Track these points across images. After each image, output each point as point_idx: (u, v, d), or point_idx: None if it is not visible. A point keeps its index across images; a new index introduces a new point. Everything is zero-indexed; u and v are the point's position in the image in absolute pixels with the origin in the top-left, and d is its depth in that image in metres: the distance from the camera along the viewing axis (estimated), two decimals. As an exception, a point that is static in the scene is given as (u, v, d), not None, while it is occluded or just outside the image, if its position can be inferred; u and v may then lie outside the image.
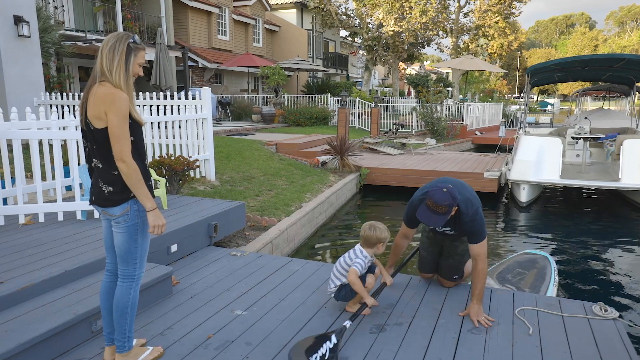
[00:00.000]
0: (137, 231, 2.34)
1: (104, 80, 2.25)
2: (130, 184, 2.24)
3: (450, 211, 3.02)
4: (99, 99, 2.20)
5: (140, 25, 16.25)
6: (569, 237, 7.08)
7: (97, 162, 2.29)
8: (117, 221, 2.30)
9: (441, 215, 3.02)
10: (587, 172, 9.14)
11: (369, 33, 24.80)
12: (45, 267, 3.21)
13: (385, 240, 3.20)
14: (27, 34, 7.74)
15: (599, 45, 79.68)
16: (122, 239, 2.32)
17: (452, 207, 3.02)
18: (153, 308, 3.25)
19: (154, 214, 2.31)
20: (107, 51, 2.25)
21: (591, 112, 13.33)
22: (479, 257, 3.19)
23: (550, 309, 3.29)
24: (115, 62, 2.26)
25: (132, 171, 2.22)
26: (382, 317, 3.16)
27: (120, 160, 2.20)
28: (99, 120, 2.22)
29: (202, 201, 5.27)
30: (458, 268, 3.63)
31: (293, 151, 11.01)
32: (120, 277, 2.40)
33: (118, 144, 2.19)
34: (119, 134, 2.19)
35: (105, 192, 2.27)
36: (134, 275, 2.40)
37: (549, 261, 4.55)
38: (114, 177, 2.27)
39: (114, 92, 2.21)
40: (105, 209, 2.30)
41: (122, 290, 2.39)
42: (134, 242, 2.34)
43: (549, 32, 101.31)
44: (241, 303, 3.37)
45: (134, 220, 2.32)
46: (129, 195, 2.29)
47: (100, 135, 2.23)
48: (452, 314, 3.21)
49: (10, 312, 2.74)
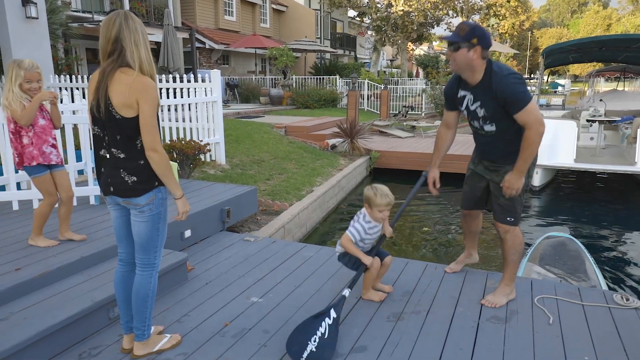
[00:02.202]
0: (159, 219, 2.31)
1: (125, 66, 2.15)
2: (161, 173, 2.20)
3: (471, 36, 2.66)
4: (129, 86, 2.11)
5: (147, 6, 16.05)
6: (584, 222, 7.00)
7: (118, 152, 2.21)
8: (142, 210, 2.25)
9: (460, 36, 2.70)
10: (601, 156, 8.99)
11: (378, 13, 24.38)
12: (61, 254, 3.20)
13: (382, 205, 2.93)
14: (35, 15, 7.64)
15: (612, 24, 77.95)
16: (144, 228, 2.28)
17: (475, 32, 2.67)
18: (169, 294, 3.24)
19: (182, 201, 2.31)
20: (127, 34, 2.13)
21: (605, 94, 13.07)
22: (528, 125, 2.65)
23: (570, 297, 3.25)
24: (142, 47, 2.17)
25: (164, 160, 2.19)
26: (399, 305, 3.13)
27: (152, 150, 2.15)
28: (129, 109, 2.13)
29: (214, 186, 5.24)
30: (510, 208, 3.00)
31: (302, 134, 10.94)
32: (140, 266, 2.37)
33: (150, 133, 2.14)
34: (152, 123, 2.14)
35: (129, 182, 2.21)
36: (154, 263, 2.38)
37: (576, 242, 4.58)
38: (140, 167, 2.20)
39: (145, 81, 2.14)
40: (129, 199, 2.24)
41: (142, 279, 2.36)
42: (156, 231, 2.32)
43: (560, 10, 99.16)
44: (256, 290, 3.36)
45: (158, 208, 2.29)
46: (154, 184, 2.24)
47: (129, 125, 2.15)
48: (471, 302, 3.18)
49: (28, 298, 2.74)
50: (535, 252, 4.70)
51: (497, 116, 2.81)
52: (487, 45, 2.74)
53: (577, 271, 4.30)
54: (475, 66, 2.77)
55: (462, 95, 2.98)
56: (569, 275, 4.26)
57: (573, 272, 4.29)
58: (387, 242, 5.96)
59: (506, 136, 2.88)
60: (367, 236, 3.02)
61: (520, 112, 2.68)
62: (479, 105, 2.84)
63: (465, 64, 2.77)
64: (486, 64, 2.79)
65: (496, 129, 2.88)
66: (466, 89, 2.93)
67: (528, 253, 4.71)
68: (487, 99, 2.78)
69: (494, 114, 2.81)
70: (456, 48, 2.74)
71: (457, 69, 2.85)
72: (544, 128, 2.71)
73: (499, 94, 2.71)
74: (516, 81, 2.70)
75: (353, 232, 2.95)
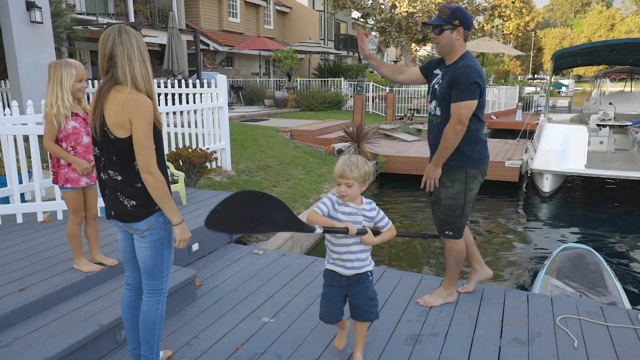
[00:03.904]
0: (163, 244, 2.18)
1: (120, 83, 2.03)
2: (157, 197, 2.07)
3: (453, 17, 2.82)
4: (121, 105, 2.00)
5: (151, 8, 15.98)
6: (597, 229, 6.87)
7: (115, 174, 2.09)
8: (143, 235, 2.13)
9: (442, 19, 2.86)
10: (612, 161, 8.85)
11: (382, 14, 24.25)
12: (66, 272, 3.10)
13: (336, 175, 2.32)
14: (40, 19, 7.56)
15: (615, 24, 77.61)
16: (147, 254, 2.16)
17: (457, 14, 2.83)
18: (177, 314, 3.13)
19: (180, 228, 2.15)
20: (120, 50, 2.02)
21: (613, 96, 12.92)
22: (451, 118, 2.82)
23: (593, 317, 3.13)
24: (136, 62, 2.04)
25: (159, 184, 2.05)
26: (416, 326, 3.02)
27: (146, 173, 2.02)
28: (122, 129, 2.02)
29: (221, 195, 5.14)
30: (447, 222, 3.07)
31: (308, 138, 10.83)
32: (146, 292, 2.26)
33: (144, 154, 2.01)
34: (145, 143, 2.01)
35: (128, 206, 2.09)
36: (162, 289, 2.26)
37: (594, 254, 4.47)
38: (137, 190, 2.08)
39: (138, 98, 2.02)
40: (129, 224, 2.12)
41: (149, 306, 2.25)
42: (160, 256, 2.19)
43: (564, 10, 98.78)
44: (267, 309, 3.25)
45: (160, 233, 2.15)
46: (155, 208, 2.11)
47: (122, 146, 2.04)
48: (490, 323, 3.06)
49: (32, 322, 2.64)
50: (553, 264, 4.58)
51: (443, 96, 2.90)
52: (468, 26, 2.89)
53: (596, 285, 4.18)
54: (456, 46, 2.89)
55: (435, 73, 3.07)
56: (589, 290, 4.14)
57: (593, 286, 4.17)
58: (388, 252, 5.87)
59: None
60: (342, 218, 2.35)
61: (456, 102, 2.81)
62: (440, 83, 2.96)
63: (449, 45, 2.90)
64: (464, 53, 2.91)
65: (441, 115, 2.96)
66: (441, 69, 3.03)
67: (545, 265, 4.60)
68: (446, 78, 2.89)
69: (442, 94, 2.91)
70: (440, 31, 2.88)
71: (441, 51, 2.96)
72: (462, 130, 2.83)
73: (454, 76, 2.82)
74: (475, 76, 2.79)
75: (320, 206, 2.36)
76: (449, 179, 3.01)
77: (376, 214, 2.42)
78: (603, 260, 4.56)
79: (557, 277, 4.36)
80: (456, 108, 2.81)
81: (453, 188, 3.01)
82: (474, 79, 2.79)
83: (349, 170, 2.27)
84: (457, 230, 3.11)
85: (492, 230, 6.84)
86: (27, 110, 4.16)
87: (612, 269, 4.46)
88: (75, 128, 2.99)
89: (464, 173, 2.99)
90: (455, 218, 3.06)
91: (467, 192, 3.01)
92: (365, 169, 2.30)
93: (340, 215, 2.36)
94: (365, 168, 2.31)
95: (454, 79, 2.82)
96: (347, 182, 2.28)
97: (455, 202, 3.02)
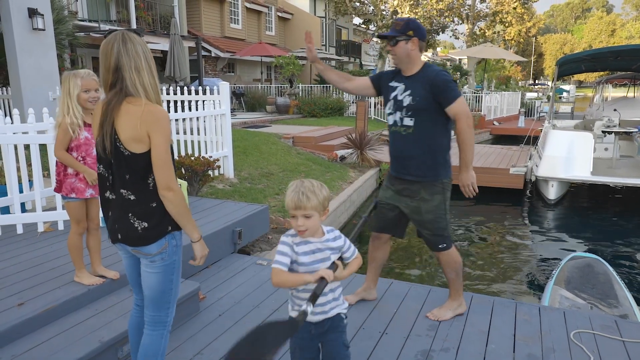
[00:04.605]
0: (173, 269, 2.03)
1: (132, 95, 1.88)
2: (176, 213, 1.93)
3: (406, 28, 2.85)
4: (137, 117, 1.84)
5: (153, 15, 16.00)
6: (604, 237, 6.79)
7: (127, 194, 1.92)
8: (153, 260, 1.96)
9: (396, 30, 2.88)
10: (618, 168, 8.78)
11: (383, 20, 24.30)
12: (67, 285, 3.02)
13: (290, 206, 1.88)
14: (42, 27, 7.53)
15: (616, 30, 77.77)
16: (156, 280, 2.01)
17: (410, 25, 2.87)
18: (181, 328, 3.06)
19: (201, 244, 2.04)
20: (127, 60, 1.87)
21: (616, 102, 12.85)
22: (458, 116, 2.83)
23: (608, 331, 3.04)
24: (145, 73, 1.90)
25: (181, 200, 1.91)
26: (426, 341, 2.94)
27: (167, 189, 1.87)
28: (139, 144, 1.86)
29: (225, 204, 5.07)
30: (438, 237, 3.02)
31: (310, 145, 10.77)
32: (150, 324, 2.07)
33: (165, 170, 1.87)
34: (165, 158, 1.86)
35: (139, 229, 1.92)
36: (166, 322, 2.09)
37: (603, 264, 4.39)
38: (150, 210, 1.93)
39: (156, 110, 1.87)
40: (139, 248, 1.96)
41: (152, 339, 2.07)
42: (169, 283, 2.04)
43: (564, 16, 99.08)
44: (273, 322, 3.16)
45: (172, 257, 2.01)
46: (167, 229, 1.96)
47: (138, 162, 1.88)
48: (502, 337, 2.98)
49: (32, 338, 2.56)
50: (561, 274, 4.50)
51: (421, 106, 2.88)
52: (422, 36, 2.92)
53: (607, 296, 4.10)
54: (413, 57, 2.92)
55: (394, 85, 3.03)
56: (599, 301, 4.06)
57: (603, 298, 4.08)
58: (391, 261, 5.79)
59: (421, 139, 2.92)
60: (304, 260, 1.91)
61: (453, 103, 2.82)
62: (409, 94, 2.92)
63: (404, 56, 2.92)
64: (424, 63, 2.97)
65: (414, 125, 2.91)
66: (400, 81, 3.01)
67: (553, 276, 4.51)
68: (419, 88, 2.88)
69: (419, 103, 2.88)
70: (395, 42, 2.90)
71: (397, 62, 2.98)
72: (472, 121, 2.89)
73: (435, 83, 2.84)
74: (449, 78, 2.90)
75: (279, 259, 1.90)
76: (428, 192, 2.98)
77: (343, 242, 2.02)
78: (612, 269, 4.48)
79: (567, 287, 4.28)
80: (457, 106, 2.84)
81: (433, 200, 2.98)
82: (451, 79, 2.91)
83: (305, 199, 1.85)
84: (449, 240, 3.10)
85: (497, 238, 6.76)
86: (28, 119, 4.10)
87: (621, 279, 4.38)
88: (87, 139, 2.95)
89: (440, 184, 2.99)
90: (443, 229, 3.05)
91: (445, 201, 3.02)
92: (323, 194, 1.89)
93: (302, 257, 1.91)
94: (324, 193, 1.90)
95: (435, 87, 2.84)
96: (305, 213, 1.86)
97: (438, 214, 3.01)
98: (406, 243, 6.56)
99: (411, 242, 6.56)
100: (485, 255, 6.08)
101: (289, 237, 1.94)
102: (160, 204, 1.93)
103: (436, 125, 2.91)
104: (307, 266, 1.90)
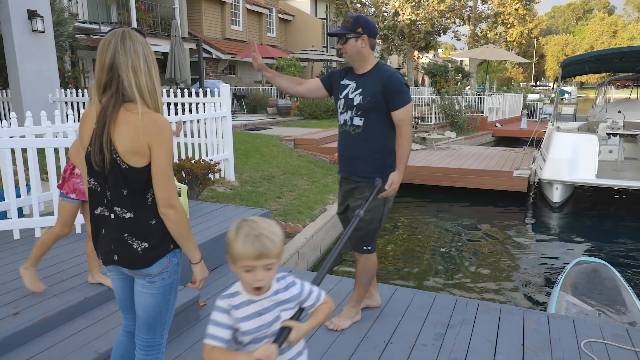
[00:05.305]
0: (172, 290, 1.87)
1: (130, 100, 1.70)
2: (178, 233, 1.77)
3: (356, 25, 2.79)
4: (137, 127, 1.67)
5: (154, 16, 15.95)
6: (609, 241, 6.69)
7: (123, 211, 1.74)
8: (152, 281, 1.80)
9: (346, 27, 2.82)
10: (623, 171, 8.68)
11: (385, 22, 24.26)
12: (64, 293, 2.95)
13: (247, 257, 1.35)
14: (42, 29, 7.48)
15: (618, 31, 77.65)
16: (153, 301, 1.84)
17: (359, 22, 2.80)
18: (180, 337, 2.98)
19: (201, 266, 1.88)
20: (123, 59, 1.69)
21: (619, 103, 12.75)
22: (402, 123, 2.82)
23: (619, 341, 2.96)
24: (142, 74, 1.71)
25: (182, 218, 1.76)
26: (432, 351, 2.86)
27: (168, 206, 1.72)
28: (139, 157, 1.69)
29: (225, 208, 4.99)
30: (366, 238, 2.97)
31: (312, 147, 10.70)
32: (142, 348, 1.90)
33: (166, 186, 1.71)
34: (167, 173, 1.71)
35: (139, 250, 1.75)
36: (161, 344, 1.94)
37: (610, 269, 4.31)
38: (150, 229, 1.76)
39: (157, 119, 1.71)
40: (138, 270, 1.78)
41: None
42: (166, 304, 1.88)
43: (565, 17, 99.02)
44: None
45: (172, 277, 1.85)
46: (169, 247, 1.80)
47: (137, 176, 1.71)
48: (511, 347, 2.90)
49: (26, 349, 2.48)
50: (567, 279, 4.42)
51: (371, 106, 2.83)
52: (372, 33, 2.86)
53: (615, 303, 4.02)
54: (364, 54, 2.85)
55: (345, 84, 2.97)
56: (607, 307, 3.98)
57: (611, 304, 4.00)
58: (393, 266, 5.71)
59: (370, 139, 2.87)
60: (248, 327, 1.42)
61: (401, 108, 2.80)
62: (359, 93, 2.87)
63: (355, 53, 2.85)
64: (377, 62, 2.91)
65: (363, 125, 2.87)
66: (351, 79, 2.95)
67: (559, 281, 4.43)
68: (370, 87, 2.83)
69: (368, 103, 2.83)
70: (345, 40, 2.85)
71: (349, 60, 2.92)
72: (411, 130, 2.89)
73: (388, 84, 2.78)
74: (403, 81, 2.85)
75: (214, 333, 1.40)
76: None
77: (300, 289, 1.52)
78: (619, 275, 4.40)
79: (573, 293, 4.20)
80: (404, 112, 2.82)
81: (374, 201, 2.88)
82: (404, 82, 2.86)
83: (271, 244, 1.37)
84: (374, 245, 3.07)
85: (501, 241, 6.68)
86: (25, 122, 4.03)
87: (628, 284, 4.30)
88: None
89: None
90: (374, 232, 3.01)
91: (386, 204, 2.97)
92: (282, 234, 1.43)
93: (244, 324, 1.41)
94: (281, 231, 1.43)
95: (388, 89, 2.79)
96: (269, 262, 1.38)
97: (375, 215, 2.95)
98: (406, 246, 6.48)
99: (411, 244, 6.48)
100: (490, 260, 6.00)
101: (224, 300, 1.44)
102: (160, 221, 1.77)
103: (386, 126, 2.86)
104: (254, 334, 1.42)
